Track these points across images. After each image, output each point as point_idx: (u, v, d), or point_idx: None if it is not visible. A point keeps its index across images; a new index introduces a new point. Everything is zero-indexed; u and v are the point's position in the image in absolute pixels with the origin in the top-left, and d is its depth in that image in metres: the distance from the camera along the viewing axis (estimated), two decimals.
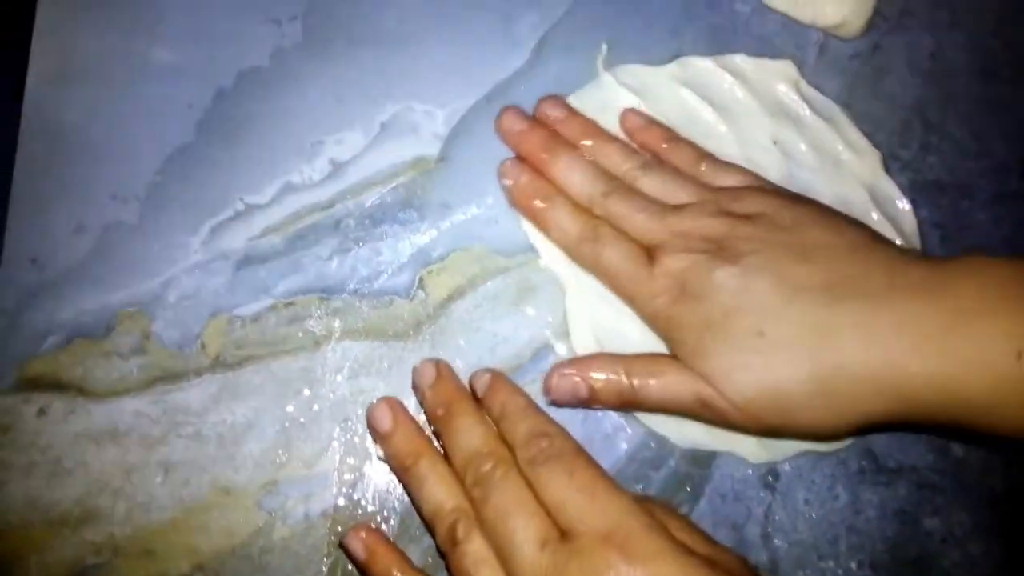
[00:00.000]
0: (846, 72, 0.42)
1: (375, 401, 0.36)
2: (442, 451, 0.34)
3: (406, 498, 0.36)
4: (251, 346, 0.37)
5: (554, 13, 0.42)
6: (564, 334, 0.38)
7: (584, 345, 0.37)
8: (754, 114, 0.41)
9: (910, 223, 0.40)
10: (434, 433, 0.35)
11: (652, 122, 0.40)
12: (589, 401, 0.35)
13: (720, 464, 0.37)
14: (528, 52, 0.41)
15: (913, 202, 0.40)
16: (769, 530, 0.37)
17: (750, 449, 0.37)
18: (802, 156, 0.40)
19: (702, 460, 0.37)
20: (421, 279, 0.39)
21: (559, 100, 0.40)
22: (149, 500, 0.36)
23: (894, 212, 0.40)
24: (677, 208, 0.36)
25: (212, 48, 0.40)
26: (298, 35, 0.41)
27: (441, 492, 0.32)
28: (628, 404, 0.35)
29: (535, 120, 0.39)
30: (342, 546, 0.35)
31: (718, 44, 0.42)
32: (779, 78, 0.42)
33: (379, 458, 0.36)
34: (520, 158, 0.39)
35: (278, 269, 0.38)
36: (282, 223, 0.39)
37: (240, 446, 0.36)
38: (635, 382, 0.34)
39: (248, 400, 0.37)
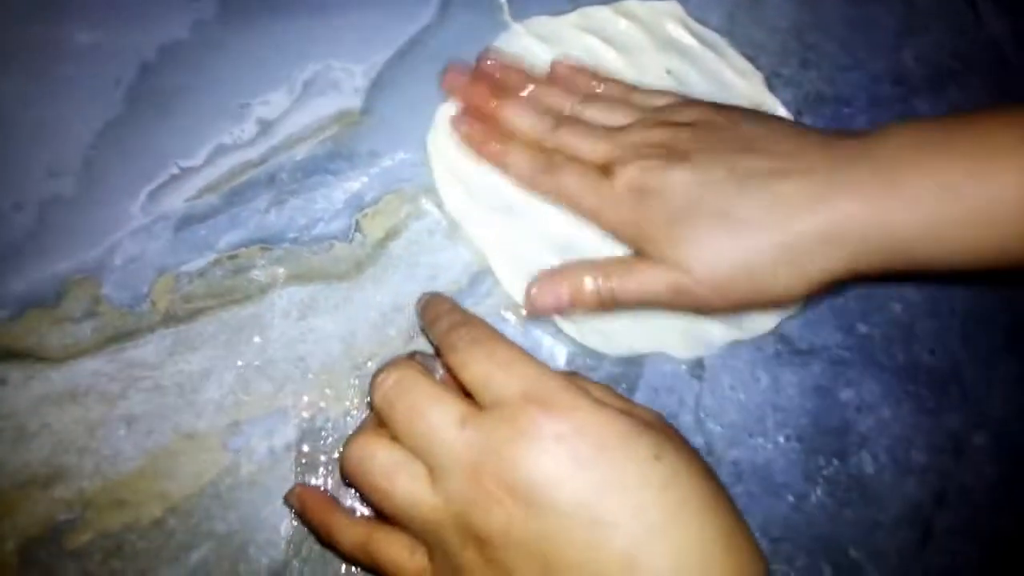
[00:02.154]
0: (726, 3, 0.46)
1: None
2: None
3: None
4: (200, 299, 0.39)
5: None
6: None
7: (507, 277, 0.40)
8: (648, 50, 0.45)
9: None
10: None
11: (580, 67, 0.43)
12: (570, 306, 0.37)
13: (650, 362, 0.41)
14: (435, 7, 0.44)
15: (798, 113, 0.45)
16: (701, 415, 0.40)
17: (675, 346, 0.41)
18: (694, 83, 0.44)
19: (634, 360, 0.41)
20: (357, 222, 0.41)
21: (496, 53, 0.43)
22: (115, 453, 0.37)
23: None
24: (622, 128, 0.39)
25: (133, 26, 0.42)
26: (214, 6, 0.43)
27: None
28: (606, 304, 0.37)
29: (477, 73, 0.42)
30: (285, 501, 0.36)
31: None
32: (667, 17, 0.46)
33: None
34: (468, 108, 0.41)
35: (218, 225, 0.40)
36: (217, 182, 0.41)
37: (199, 393, 0.38)
38: (613, 283, 0.37)
39: (203, 350, 0.39)
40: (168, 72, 0.42)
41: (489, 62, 0.42)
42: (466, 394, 0.31)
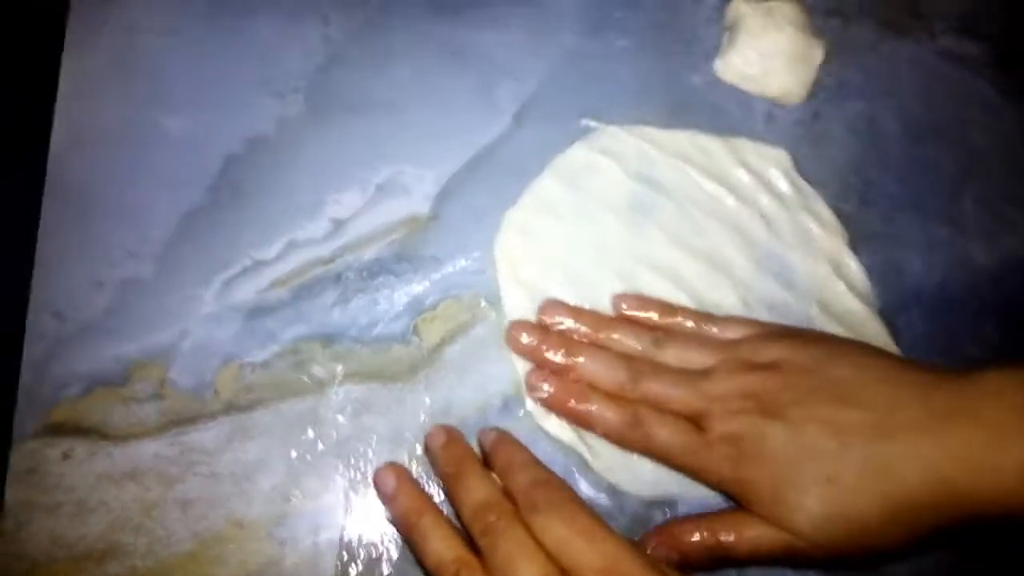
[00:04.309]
0: (790, 137, 0.47)
1: (380, 466, 0.39)
2: (450, 509, 0.37)
3: None
4: (260, 390, 0.41)
5: (531, 82, 0.46)
6: None
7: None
8: (750, 191, 0.46)
9: (864, 286, 0.45)
10: (444, 492, 0.38)
11: (645, 298, 0.43)
12: (682, 564, 0.37)
13: (682, 503, 0.41)
14: (509, 118, 0.46)
15: (853, 249, 0.45)
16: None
17: (706, 491, 0.41)
18: (782, 231, 0.45)
19: (665, 502, 0.41)
20: (415, 326, 0.42)
21: (558, 303, 0.42)
22: (168, 535, 0.39)
23: (853, 280, 0.45)
24: (705, 373, 0.39)
25: (221, 117, 0.44)
26: (300, 105, 0.45)
27: (444, 545, 0.34)
28: (718, 561, 0.37)
29: (542, 327, 0.42)
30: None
31: (678, 113, 0.47)
32: (774, 164, 0.46)
33: (387, 519, 0.39)
34: (540, 367, 0.41)
35: (284, 319, 0.42)
36: (287, 276, 0.42)
37: (252, 482, 0.40)
38: (722, 538, 0.37)
39: (259, 440, 0.40)
40: (250, 165, 0.44)
41: (551, 314, 0.42)
42: None
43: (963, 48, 0.49)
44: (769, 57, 0.45)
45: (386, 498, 0.38)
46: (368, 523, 0.39)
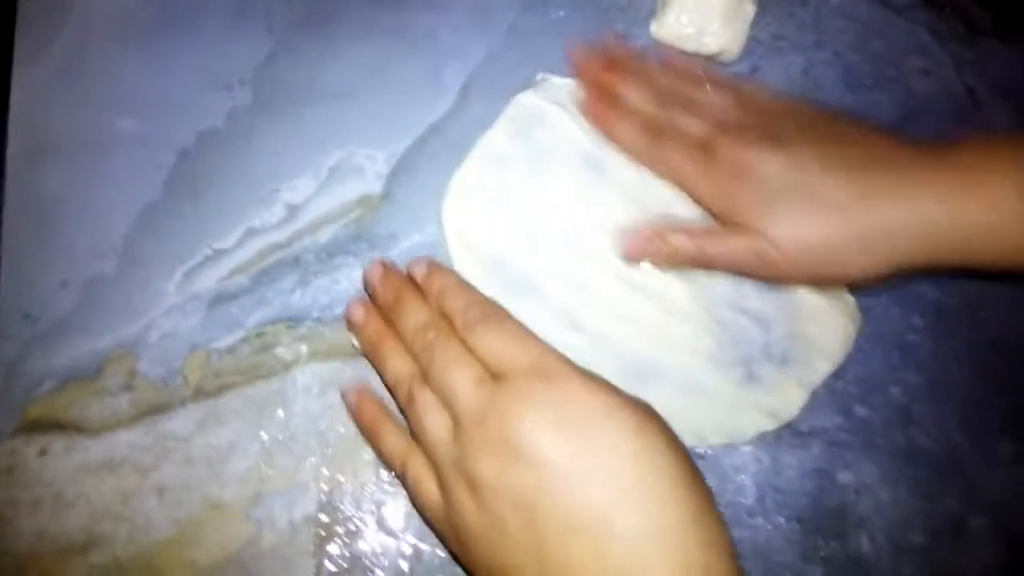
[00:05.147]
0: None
1: (352, 300, 0.41)
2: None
3: (378, 501, 0.40)
4: (228, 375, 0.42)
5: (474, 60, 0.47)
6: None
7: None
8: None
9: None
10: (385, 318, 0.40)
11: (695, 62, 0.47)
12: (663, 255, 0.42)
13: None
14: (454, 95, 0.47)
15: None
16: None
17: (708, 436, 0.42)
18: None
19: None
20: None
21: (622, 41, 0.47)
22: (147, 522, 0.40)
23: None
24: (729, 115, 0.43)
25: (172, 114, 0.45)
26: (248, 97, 0.46)
27: (399, 364, 0.38)
28: (695, 261, 0.42)
29: (600, 51, 0.46)
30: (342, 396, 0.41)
31: None
32: None
33: (354, 346, 0.42)
34: (588, 82, 0.45)
35: (247, 304, 0.43)
36: (247, 263, 0.43)
37: (226, 465, 0.41)
38: (703, 241, 0.41)
39: (230, 424, 0.41)
40: (204, 159, 0.45)
41: (613, 43, 0.46)
42: None
43: None
44: (703, 15, 0.46)
45: (356, 327, 0.41)
46: (343, 497, 0.40)
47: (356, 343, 0.41)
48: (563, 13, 0.48)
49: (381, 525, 0.40)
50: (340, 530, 0.40)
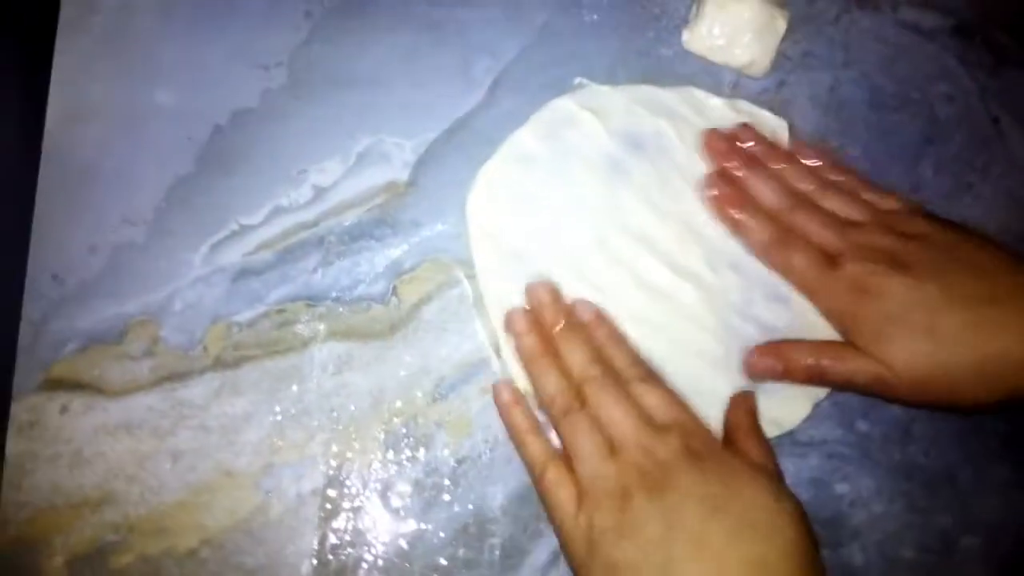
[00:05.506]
0: (756, 105, 0.48)
1: (513, 309, 0.43)
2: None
3: (384, 479, 0.41)
4: (247, 348, 0.43)
5: (505, 57, 0.48)
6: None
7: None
8: None
9: None
10: (548, 338, 0.42)
11: (826, 151, 0.47)
12: (782, 376, 0.42)
13: None
14: (484, 91, 0.48)
15: None
16: None
17: None
18: None
19: None
20: (395, 287, 0.44)
21: (754, 130, 0.47)
22: (160, 484, 0.41)
23: None
24: (854, 224, 0.43)
25: (208, 91, 0.46)
26: (283, 78, 0.47)
27: (560, 381, 0.40)
28: (813, 380, 0.42)
29: (733, 140, 0.46)
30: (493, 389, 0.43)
31: (650, 84, 0.48)
32: (769, 132, 0.48)
33: (503, 353, 0.43)
34: (719, 172, 0.46)
35: (270, 280, 0.44)
36: (273, 240, 0.44)
37: (240, 434, 0.42)
38: (825, 362, 0.41)
39: (246, 394, 0.42)
40: (236, 136, 0.46)
41: (744, 134, 0.47)
42: None
43: (924, 19, 0.50)
44: (734, 28, 0.47)
45: (516, 334, 0.43)
46: (351, 474, 0.42)
47: (505, 345, 0.43)
48: (596, 17, 0.49)
49: (385, 503, 0.42)
50: (346, 505, 0.41)
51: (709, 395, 0.43)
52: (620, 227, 0.45)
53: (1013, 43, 0.51)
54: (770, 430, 0.43)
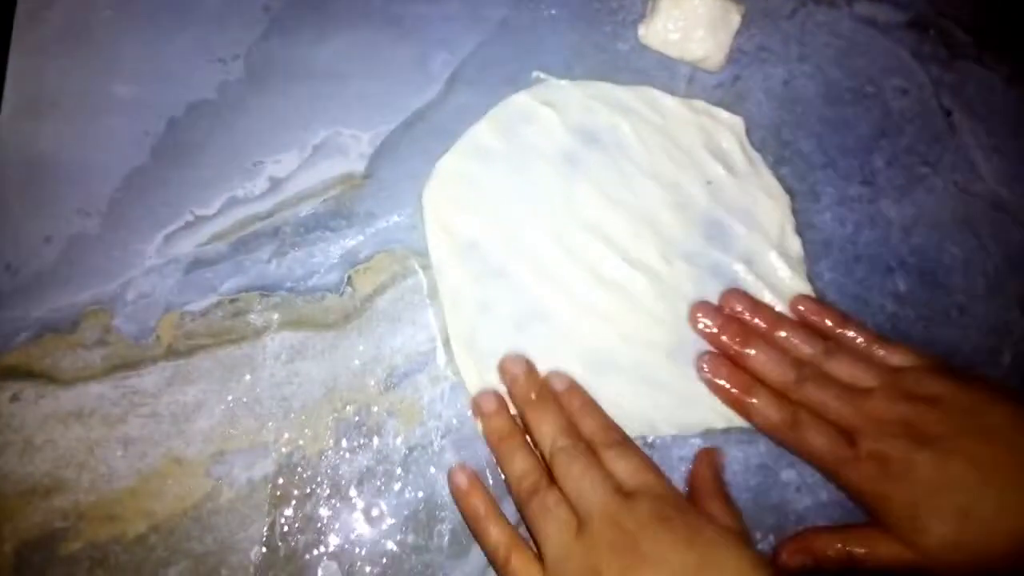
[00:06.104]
0: (710, 99, 0.49)
1: (482, 390, 0.43)
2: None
3: (335, 467, 0.42)
4: (200, 337, 0.43)
5: (463, 51, 0.49)
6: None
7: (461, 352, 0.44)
8: (697, 153, 0.47)
9: (797, 251, 0.47)
10: (521, 416, 0.42)
11: (823, 306, 0.45)
12: (815, 568, 0.41)
13: None
14: (441, 84, 0.48)
15: None
16: None
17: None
18: (729, 198, 0.47)
19: None
20: (349, 277, 0.45)
21: (741, 293, 0.45)
22: (110, 471, 0.41)
23: (789, 250, 0.47)
24: (865, 392, 0.41)
25: (166, 83, 0.47)
26: (241, 71, 0.47)
27: (529, 460, 0.40)
28: (843, 564, 0.40)
29: (724, 313, 0.45)
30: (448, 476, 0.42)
31: (604, 79, 0.49)
32: (727, 130, 0.48)
33: (479, 432, 0.43)
34: (717, 350, 0.44)
35: (223, 271, 0.44)
36: (227, 231, 0.45)
37: (191, 423, 0.42)
38: (856, 552, 0.40)
39: (198, 383, 0.42)
40: (192, 128, 0.46)
41: (736, 303, 0.45)
42: None
43: (879, 13, 0.51)
44: (689, 22, 0.48)
45: (484, 416, 0.42)
46: (302, 461, 0.42)
47: (479, 427, 0.43)
48: (554, 12, 0.50)
49: (336, 490, 0.42)
50: (296, 492, 0.42)
51: (658, 384, 0.44)
52: (575, 220, 0.46)
53: (967, 37, 0.51)
54: (718, 421, 0.44)
